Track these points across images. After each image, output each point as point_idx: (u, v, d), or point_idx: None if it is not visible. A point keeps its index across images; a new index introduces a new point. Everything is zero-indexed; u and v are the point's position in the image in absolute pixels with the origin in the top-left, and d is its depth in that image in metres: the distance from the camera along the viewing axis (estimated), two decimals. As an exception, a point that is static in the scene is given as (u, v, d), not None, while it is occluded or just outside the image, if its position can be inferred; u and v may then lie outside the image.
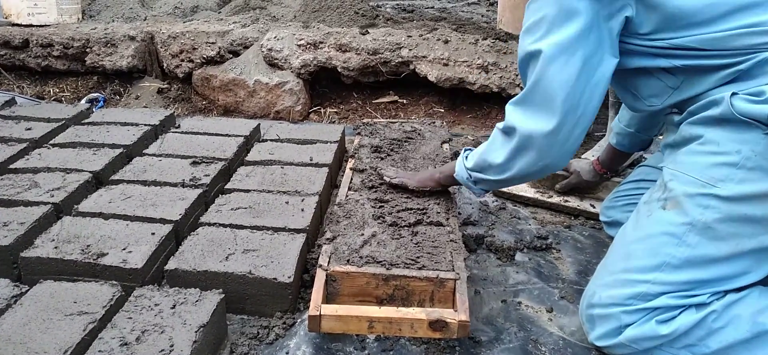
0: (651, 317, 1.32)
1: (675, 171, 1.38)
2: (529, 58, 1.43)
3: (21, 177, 1.99)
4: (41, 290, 1.41)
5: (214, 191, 2.03)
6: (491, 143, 1.58)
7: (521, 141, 1.46)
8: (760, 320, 1.28)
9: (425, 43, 3.18)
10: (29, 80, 3.73)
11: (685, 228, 1.31)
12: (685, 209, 1.32)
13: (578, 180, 2.14)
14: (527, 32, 1.44)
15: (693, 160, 1.35)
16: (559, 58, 1.37)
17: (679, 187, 1.34)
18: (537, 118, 1.42)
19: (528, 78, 1.45)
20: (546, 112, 1.40)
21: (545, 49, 1.38)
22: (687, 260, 1.31)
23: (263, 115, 3.27)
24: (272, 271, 1.53)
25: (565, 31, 1.36)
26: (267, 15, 4.06)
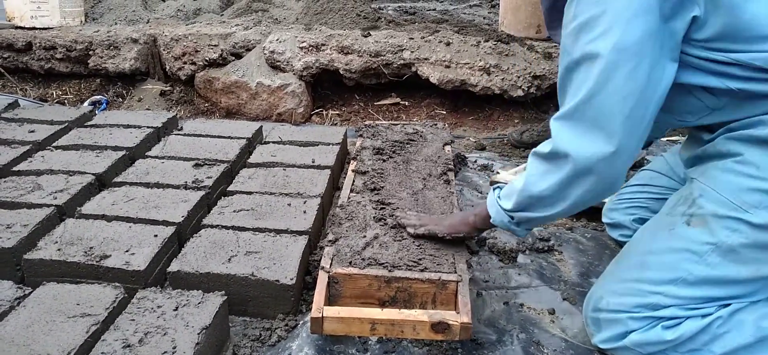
0: (657, 324, 1.32)
1: (706, 187, 1.31)
2: (580, 62, 1.21)
3: (24, 179, 1.99)
4: (44, 292, 1.42)
5: (216, 193, 2.03)
6: (534, 174, 1.34)
7: (576, 168, 1.25)
8: (764, 324, 1.28)
9: (427, 45, 3.18)
10: (32, 83, 3.74)
11: (708, 248, 1.27)
12: (712, 229, 1.27)
13: None
14: (581, 29, 1.20)
15: (727, 180, 1.28)
16: (623, 65, 1.16)
17: (709, 205, 1.29)
18: (593, 138, 1.22)
19: (576, 86, 1.23)
20: (604, 132, 1.21)
21: (606, 54, 1.17)
22: (704, 278, 1.28)
23: (265, 117, 3.27)
24: (274, 273, 1.53)
25: (632, 32, 1.15)
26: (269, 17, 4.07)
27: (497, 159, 2.66)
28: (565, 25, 1.26)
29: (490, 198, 1.48)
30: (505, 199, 1.43)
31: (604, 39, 1.17)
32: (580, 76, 1.22)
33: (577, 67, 1.23)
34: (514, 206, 1.40)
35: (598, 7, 1.17)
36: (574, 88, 1.24)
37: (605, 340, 1.39)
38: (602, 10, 1.17)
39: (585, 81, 1.21)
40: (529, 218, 1.40)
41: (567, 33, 1.25)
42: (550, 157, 1.30)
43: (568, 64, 1.25)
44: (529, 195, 1.35)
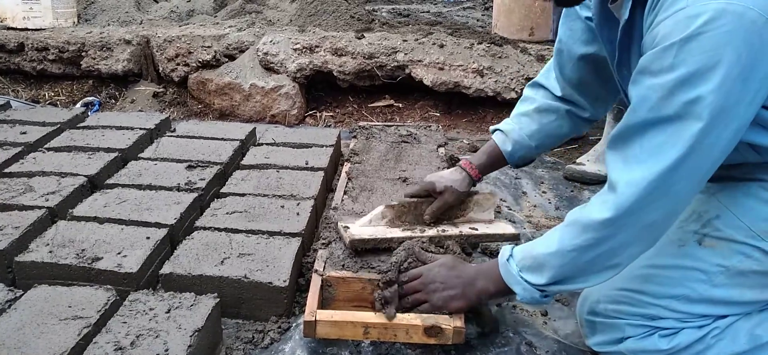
0: (654, 332, 1.32)
1: (726, 209, 1.27)
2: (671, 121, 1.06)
3: (16, 181, 1.98)
4: (36, 294, 1.41)
5: (209, 195, 2.02)
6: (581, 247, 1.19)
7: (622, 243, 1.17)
8: (758, 332, 1.28)
9: (421, 47, 3.19)
10: (24, 84, 3.72)
11: (718, 269, 1.25)
12: (725, 252, 1.25)
13: (454, 198, 1.66)
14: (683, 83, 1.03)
15: (750, 206, 1.24)
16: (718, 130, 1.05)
17: (726, 230, 1.26)
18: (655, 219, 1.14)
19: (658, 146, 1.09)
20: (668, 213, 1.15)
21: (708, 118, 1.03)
22: (707, 297, 1.28)
23: (259, 118, 3.27)
24: (267, 275, 1.53)
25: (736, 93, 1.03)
26: (263, 19, 4.06)
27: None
28: (649, 70, 1.09)
29: (509, 274, 1.30)
30: (531, 273, 1.27)
31: (710, 99, 1.02)
32: (662, 137, 1.08)
33: (661, 127, 1.08)
34: (550, 281, 1.25)
35: (708, 58, 1.02)
36: (652, 149, 1.10)
37: (600, 343, 1.39)
38: (714, 62, 1.01)
39: (669, 146, 1.07)
40: (569, 290, 1.31)
41: (656, 83, 1.07)
42: (605, 226, 1.16)
43: (650, 119, 1.09)
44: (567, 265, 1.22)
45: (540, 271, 1.26)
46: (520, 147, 1.63)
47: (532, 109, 1.63)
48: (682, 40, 1.03)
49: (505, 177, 2.48)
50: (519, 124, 1.64)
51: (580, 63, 1.54)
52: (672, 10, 1.05)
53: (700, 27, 1.01)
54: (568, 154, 2.78)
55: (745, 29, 1.00)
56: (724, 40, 1.00)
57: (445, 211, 1.67)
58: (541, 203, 2.30)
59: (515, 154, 1.65)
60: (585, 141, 2.88)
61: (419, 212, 1.67)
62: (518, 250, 1.31)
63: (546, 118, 1.62)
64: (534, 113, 1.63)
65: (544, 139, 1.64)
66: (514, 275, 1.29)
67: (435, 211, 1.65)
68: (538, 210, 2.25)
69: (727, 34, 1.00)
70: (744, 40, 1.00)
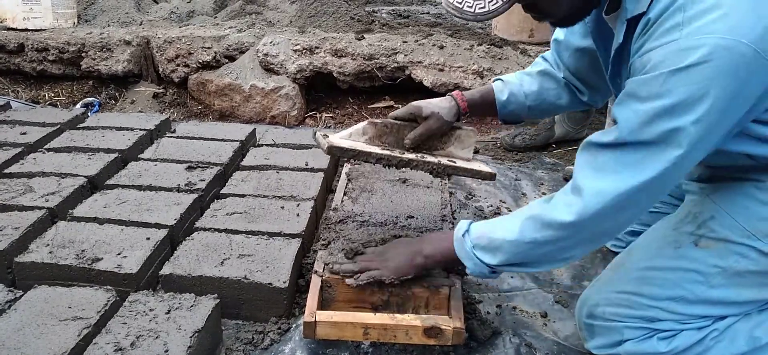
0: (652, 335, 1.32)
1: (721, 210, 1.28)
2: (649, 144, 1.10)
3: (16, 182, 1.98)
4: (36, 295, 1.41)
5: (209, 195, 2.03)
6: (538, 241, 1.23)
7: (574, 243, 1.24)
8: (757, 334, 1.29)
9: (420, 48, 3.19)
10: (24, 85, 3.72)
11: (715, 270, 1.26)
12: (721, 253, 1.26)
13: (438, 124, 1.61)
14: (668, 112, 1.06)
15: (745, 205, 1.25)
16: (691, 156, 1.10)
17: (722, 230, 1.27)
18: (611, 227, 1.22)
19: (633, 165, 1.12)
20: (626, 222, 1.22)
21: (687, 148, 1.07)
22: (705, 298, 1.28)
23: (259, 119, 3.27)
24: (267, 276, 1.53)
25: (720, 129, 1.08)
26: (263, 20, 4.06)
27: (490, 162, 2.67)
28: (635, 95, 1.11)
29: (462, 249, 1.34)
30: (485, 253, 1.30)
31: (691, 130, 1.06)
32: (639, 155, 1.11)
33: (639, 148, 1.11)
34: (502, 262, 1.29)
35: (694, 90, 1.04)
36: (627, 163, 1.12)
37: (599, 346, 1.40)
38: (700, 95, 1.03)
39: (648, 165, 1.11)
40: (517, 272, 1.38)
41: (640, 109, 1.09)
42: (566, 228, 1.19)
43: (629, 141, 1.11)
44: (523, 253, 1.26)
45: (493, 253, 1.29)
46: (515, 101, 1.62)
47: (536, 71, 1.65)
48: (671, 72, 1.05)
49: (504, 178, 2.49)
50: (520, 80, 1.64)
51: (577, 54, 1.56)
52: (664, 40, 1.07)
53: (690, 62, 1.03)
54: (568, 155, 2.78)
55: (734, 64, 1.02)
56: (712, 74, 1.02)
57: (427, 138, 1.62)
58: (541, 205, 2.30)
59: (507, 106, 1.63)
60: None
61: (401, 136, 1.62)
62: (475, 227, 1.34)
63: (547, 84, 1.63)
64: (537, 75, 1.64)
65: (540, 103, 1.63)
66: (468, 250, 1.32)
67: (417, 136, 1.59)
68: (537, 211, 2.25)
69: (715, 70, 1.02)
70: (732, 74, 1.02)
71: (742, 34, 1.01)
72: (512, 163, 2.71)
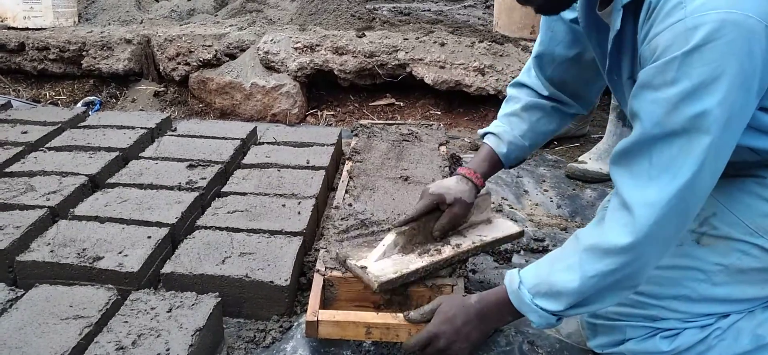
0: (655, 334, 1.31)
1: (723, 207, 1.26)
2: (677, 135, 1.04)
3: (17, 181, 1.98)
4: (37, 294, 1.41)
5: (210, 194, 2.02)
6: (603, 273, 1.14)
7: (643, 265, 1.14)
8: (760, 332, 1.27)
9: (422, 45, 3.18)
10: (25, 84, 3.72)
11: (717, 268, 1.25)
12: (723, 251, 1.25)
13: (464, 210, 1.57)
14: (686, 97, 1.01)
15: (747, 202, 1.24)
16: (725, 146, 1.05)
17: (723, 227, 1.25)
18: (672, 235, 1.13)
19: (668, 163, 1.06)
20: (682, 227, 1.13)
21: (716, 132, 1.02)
22: (708, 297, 1.27)
23: (260, 118, 3.27)
24: (269, 274, 1.52)
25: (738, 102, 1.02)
26: (263, 18, 4.06)
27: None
28: (651, 85, 1.06)
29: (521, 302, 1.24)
30: (546, 300, 1.21)
31: (717, 113, 1.00)
32: (671, 152, 1.05)
33: (669, 141, 1.05)
34: (568, 307, 1.19)
35: (710, 70, 0.99)
36: (663, 165, 1.07)
37: (601, 345, 1.39)
38: (718, 74, 0.99)
39: (681, 162, 1.05)
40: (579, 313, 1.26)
41: (659, 97, 1.04)
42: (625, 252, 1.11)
43: (656, 134, 1.06)
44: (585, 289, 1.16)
45: (557, 298, 1.19)
46: (515, 148, 1.60)
47: (519, 109, 1.61)
48: (684, 54, 1.00)
49: (506, 176, 2.48)
50: (509, 125, 1.60)
51: (562, 66, 1.52)
52: (669, 21, 1.03)
53: (701, 40, 0.99)
54: (570, 152, 2.77)
55: (745, 39, 0.98)
56: (726, 50, 0.98)
57: (454, 224, 1.60)
58: (543, 202, 2.30)
59: (511, 156, 1.61)
60: (587, 139, 2.88)
61: (428, 229, 1.59)
62: (528, 276, 1.24)
63: (534, 116, 1.60)
64: (522, 112, 1.60)
65: (535, 137, 1.61)
66: (528, 303, 1.22)
67: (445, 225, 1.57)
68: (539, 208, 2.25)
69: (728, 45, 0.98)
70: (746, 50, 0.98)
71: (747, 7, 0.98)
72: (514, 160, 2.70)
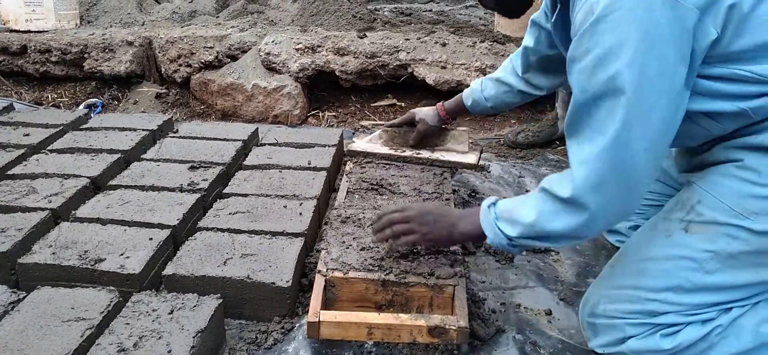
0: (655, 331, 1.31)
1: (706, 193, 1.29)
2: (599, 99, 1.16)
3: (19, 183, 1.98)
4: (39, 296, 1.41)
5: (212, 195, 2.02)
6: (547, 213, 1.27)
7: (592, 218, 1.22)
8: (763, 330, 1.27)
9: (423, 46, 3.18)
10: (27, 86, 3.73)
11: (707, 255, 1.26)
12: (711, 236, 1.26)
13: (425, 127, 2.18)
14: (599, 63, 1.13)
15: (728, 185, 1.26)
16: (646, 101, 1.12)
17: (709, 212, 1.27)
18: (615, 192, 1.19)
19: (597, 127, 1.17)
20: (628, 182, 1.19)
21: (629, 90, 1.11)
22: (702, 285, 1.27)
23: (261, 119, 3.27)
24: (270, 275, 1.52)
25: (652, 65, 1.10)
26: (265, 19, 4.06)
27: (494, 160, 2.66)
28: (575, 58, 1.19)
29: (486, 219, 1.37)
30: (506, 224, 1.33)
31: (626, 74, 1.10)
32: (601, 114, 1.16)
33: (596, 105, 1.16)
34: (519, 235, 1.32)
35: (615, 36, 1.11)
36: (595, 127, 1.17)
37: (602, 345, 1.39)
38: (621, 41, 1.10)
39: (608, 121, 1.14)
40: (532, 246, 1.43)
41: (581, 67, 1.17)
42: (567, 203, 1.23)
43: (585, 100, 1.18)
44: (540, 231, 1.28)
45: (513, 225, 1.33)
46: (478, 104, 2.04)
47: (495, 78, 2.00)
48: (591, 24, 1.13)
49: (508, 176, 2.48)
50: (483, 85, 2.02)
51: (545, 60, 1.84)
52: (581, 1, 1.19)
53: (601, 10, 1.12)
54: (572, 152, 2.77)
55: (644, 7, 1.09)
56: (627, 17, 1.10)
57: (425, 137, 2.21)
58: (545, 202, 2.29)
59: (474, 108, 2.07)
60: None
61: (407, 138, 2.25)
62: (501, 203, 1.38)
63: (502, 89, 1.98)
64: (496, 82, 1.99)
65: (498, 104, 2.01)
66: (491, 222, 1.37)
67: (415, 136, 2.23)
68: (541, 209, 2.24)
69: (629, 12, 1.10)
70: (647, 18, 1.09)
71: None
72: (516, 160, 2.70)
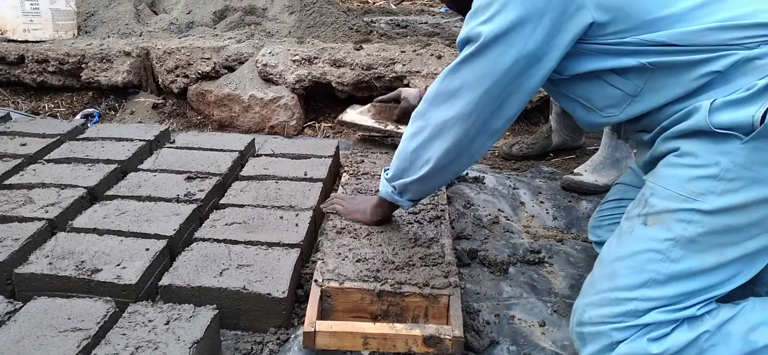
0: (643, 335, 1.31)
1: (655, 185, 1.36)
2: (464, 41, 1.40)
3: (15, 193, 1.99)
4: (35, 306, 1.41)
5: (208, 206, 2.03)
6: (405, 137, 1.55)
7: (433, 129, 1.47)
8: (752, 337, 1.28)
9: (419, 58, 3.21)
10: (24, 96, 3.73)
11: (668, 244, 1.29)
12: (668, 224, 1.30)
13: (407, 105, 2.40)
14: (473, 14, 1.39)
15: (672, 174, 1.33)
16: (492, 50, 1.34)
17: (660, 202, 1.32)
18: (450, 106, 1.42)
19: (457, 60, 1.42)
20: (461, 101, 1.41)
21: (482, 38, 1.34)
22: (672, 275, 1.29)
23: (258, 130, 3.28)
24: (266, 286, 1.53)
25: (507, 20, 1.31)
26: (262, 31, 4.08)
27: (488, 171, 2.68)
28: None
29: (381, 177, 1.68)
30: (386, 172, 1.65)
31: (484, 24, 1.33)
32: (462, 52, 1.40)
33: (462, 45, 1.40)
34: (393, 174, 1.61)
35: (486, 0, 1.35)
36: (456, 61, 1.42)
37: (592, 353, 1.39)
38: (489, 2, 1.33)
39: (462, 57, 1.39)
40: (406, 184, 1.59)
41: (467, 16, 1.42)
42: (415, 118, 1.52)
43: (459, 40, 1.42)
44: (401, 157, 1.56)
45: (391, 166, 1.62)
46: None
47: None
48: None
49: (502, 187, 2.49)
50: None
51: None
52: None
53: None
54: (566, 164, 2.79)
55: None
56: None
57: (407, 115, 2.14)
58: (539, 213, 2.31)
59: None
60: (582, 151, 2.90)
61: (392, 114, 2.51)
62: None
63: None
64: None
65: None
66: (382, 176, 1.68)
67: (397, 112, 2.50)
68: (536, 220, 2.26)
69: None
70: None
71: None
72: (510, 172, 2.72)
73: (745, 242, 1.27)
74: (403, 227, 1.81)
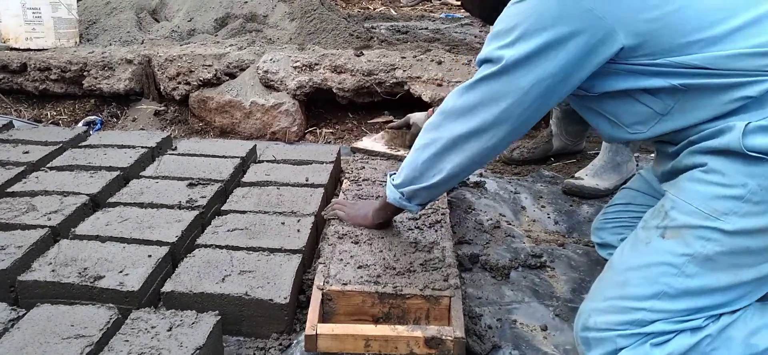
0: (646, 341, 1.32)
1: (677, 199, 1.34)
2: (486, 61, 1.40)
3: (18, 200, 2.00)
4: (38, 313, 1.42)
5: (210, 212, 2.04)
6: (417, 148, 1.54)
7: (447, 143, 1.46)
8: (753, 341, 1.28)
9: (419, 64, 3.22)
10: (27, 104, 3.75)
11: (685, 259, 1.29)
12: (687, 240, 1.29)
13: (417, 129, 2.40)
14: (495, 36, 1.38)
15: (696, 189, 1.31)
16: (514, 71, 1.33)
17: (681, 217, 1.31)
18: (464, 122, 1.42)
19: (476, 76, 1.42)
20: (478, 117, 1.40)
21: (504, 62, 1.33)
22: (685, 290, 1.29)
23: (259, 136, 3.29)
24: (268, 292, 1.54)
25: (530, 47, 1.30)
26: (263, 38, 4.10)
27: (489, 176, 2.69)
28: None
29: (387, 181, 1.67)
30: (396, 177, 1.63)
31: (507, 48, 1.33)
32: (480, 69, 1.41)
33: (481, 64, 1.41)
34: (403, 181, 1.60)
35: (513, 20, 1.34)
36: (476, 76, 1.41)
37: None
38: (514, 25, 1.33)
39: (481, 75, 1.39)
40: (415, 191, 1.58)
41: (488, 37, 1.42)
42: (428, 129, 1.51)
43: (478, 58, 1.43)
44: (411, 167, 1.55)
45: (400, 174, 1.61)
46: None
47: None
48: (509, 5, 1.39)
49: (504, 192, 2.50)
50: None
51: None
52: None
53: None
54: (567, 168, 2.79)
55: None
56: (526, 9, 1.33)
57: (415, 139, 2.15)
58: (540, 218, 2.31)
59: None
60: (583, 156, 2.90)
61: (404, 139, 2.58)
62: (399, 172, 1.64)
63: None
64: None
65: None
66: (388, 182, 1.67)
67: (408, 138, 2.52)
68: (537, 225, 2.27)
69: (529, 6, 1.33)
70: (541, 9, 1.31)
71: None
72: (511, 176, 2.72)
73: (761, 265, 1.27)
74: (404, 233, 1.81)
